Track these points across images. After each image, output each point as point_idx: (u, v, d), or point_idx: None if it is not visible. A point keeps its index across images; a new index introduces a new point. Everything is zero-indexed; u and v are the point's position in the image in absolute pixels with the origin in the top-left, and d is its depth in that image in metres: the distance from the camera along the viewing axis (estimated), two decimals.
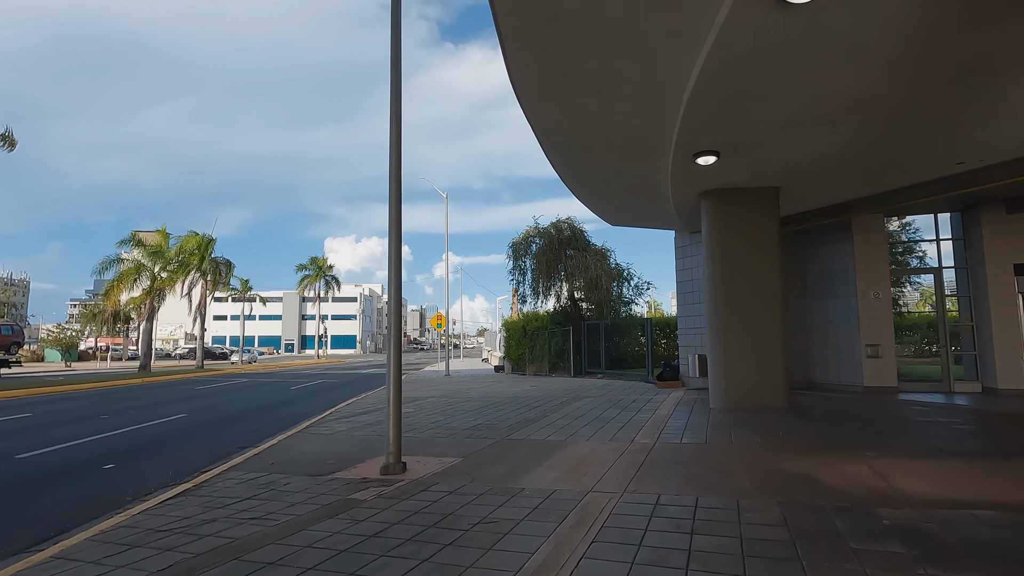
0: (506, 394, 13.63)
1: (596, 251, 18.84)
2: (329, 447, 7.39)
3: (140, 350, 24.31)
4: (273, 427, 9.84)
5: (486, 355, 42.81)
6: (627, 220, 13.57)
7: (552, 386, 15.50)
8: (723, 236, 9.56)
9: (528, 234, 19.88)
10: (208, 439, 9.03)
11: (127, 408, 13.14)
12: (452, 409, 10.85)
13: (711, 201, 9.70)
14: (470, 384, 17.55)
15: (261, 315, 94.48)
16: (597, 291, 17.90)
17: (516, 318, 24.71)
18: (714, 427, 7.66)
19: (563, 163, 9.09)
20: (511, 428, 8.24)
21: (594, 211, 12.45)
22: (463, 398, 12.96)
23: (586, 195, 11.12)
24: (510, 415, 9.69)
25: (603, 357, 18.41)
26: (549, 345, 20.49)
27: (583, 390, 13.87)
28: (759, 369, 9.18)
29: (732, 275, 9.46)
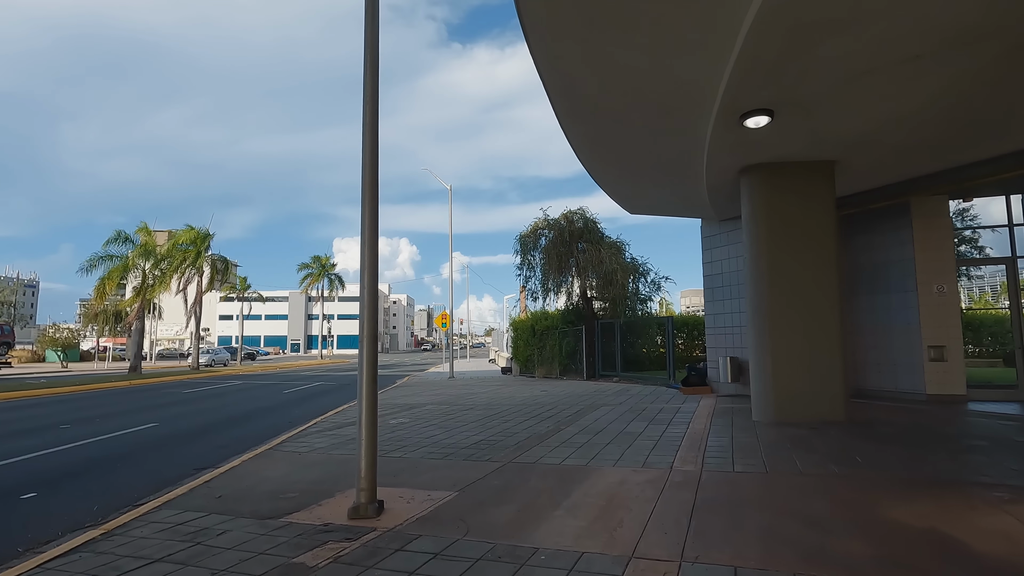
0: (514, 401, 12.27)
1: (610, 244, 17.42)
2: (297, 472, 6.07)
3: (130, 351, 23.23)
4: (245, 441, 8.57)
5: (493, 356, 41.49)
6: (649, 207, 12.16)
7: (564, 391, 14.12)
8: (770, 219, 8.14)
9: (537, 226, 18.46)
10: (165, 457, 7.74)
11: (95, 416, 11.92)
12: (452, 420, 9.51)
13: (754, 179, 8.28)
14: (475, 388, 16.21)
15: (267, 315, 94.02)
16: (612, 287, 16.48)
17: (524, 317, 23.35)
18: (769, 449, 6.25)
19: (582, 134, 7.71)
20: (519, 447, 6.87)
21: (613, 196, 11.06)
22: (466, 405, 11.61)
23: (606, 176, 9.74)
24: (518, 428, 8.33)
25: (619, 359, 17.01)
26: (560, 346, 19.11)
27: (599, 396, 12.48)
28: (814, 375, 7.75)
29: (781, 264, 8.03)
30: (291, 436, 8.47)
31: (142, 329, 23.46)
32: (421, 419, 9.71)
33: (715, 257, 12.19)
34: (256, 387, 19.59)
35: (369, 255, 4.49)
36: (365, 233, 4.49)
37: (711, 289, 12.29)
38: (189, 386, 19.69)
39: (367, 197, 4.44)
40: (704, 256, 12.53)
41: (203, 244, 26.07)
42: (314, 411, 11.82)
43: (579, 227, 17.48)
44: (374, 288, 4.52)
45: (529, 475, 5.46)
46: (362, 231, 4.46)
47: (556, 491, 4.82)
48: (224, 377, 24.12)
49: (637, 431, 7.72)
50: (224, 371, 28.34)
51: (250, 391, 17.98)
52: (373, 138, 4.63)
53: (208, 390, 18.16)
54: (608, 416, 9.23)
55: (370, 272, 4.44)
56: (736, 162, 8.15)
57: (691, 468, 5.46)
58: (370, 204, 4.45)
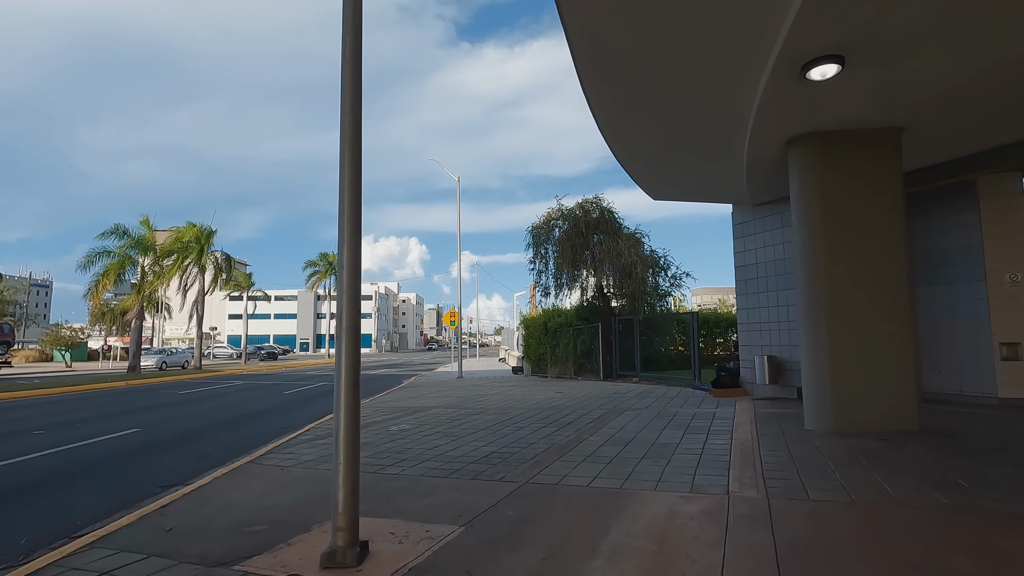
0: (527, 403, 11.25)
1: (628, 236, 16.30)
2: (274, 493, 5.10)
3: (130, 349, 22.55)
4: (229, 449, 7.65)
5: (503, 355, 40.51)
6: (674, 191, 11.07)
7: (581, 392, 13.08)
8: (826, 197, 7.03)
9: (550, 217, 17.34)
10: (135, 470, 6.82)
11: (77, 420, 11.07)
12: (460, 426, 8.51)
13: (807, 150, 7.18)
14: (485, 389, 15.21)
15: (276, 314, 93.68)
16: (631, 281, 15.36)
17: (536, 314, 22.30)
18: (841, 467, 5.17)
19: (610, 102, 6.67)
20: (537, 462, 5.85)
21: (637, 179, 9.99)
22: (475, 409, 10.61)
23: (633, 154, 8.68)
24: (534, 437, 7.31)
25: (638, 358, 15.92)
26: (574, 344, 18.04)
27: (621, 399, 11.42)
28: (880, 376, 6.64)
29: (839, 248, 6.92)
30: (279, 445, 7.53)
31: (140, 327, 22.75)
32: (425, 425, 8.72)
33: (748, 246, 11.07)
34: (257, 387, 18.74)
35: (350, 223, 3.49)
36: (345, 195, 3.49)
37: (743, 281, 11.17)
38: (188, 387, 18.89)
39: (347, 152, 3.44)
40: (735, 245, 11.41)
41: (206, 241, 25.31)
42: (311, 415, 10.89)
43: (595, 217, 16.37)
44: (356, 267, 3.51)
45: (552, 502, 4.43)
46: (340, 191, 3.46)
47: (589, 527, 3.79)
48: (226, 377, 23.34)
49: (673, 442, 6.66)
50: (228, 370, 27.59)
51: (249, 392, 17.13)
52: (355, 93, 3.63)
53: (206, 391, 17.33)
54: (635, 423, 8.18)
55: (350, 247, 3.43)
56: (785, 130, 7.05)
57: (753, 494, 4.41)
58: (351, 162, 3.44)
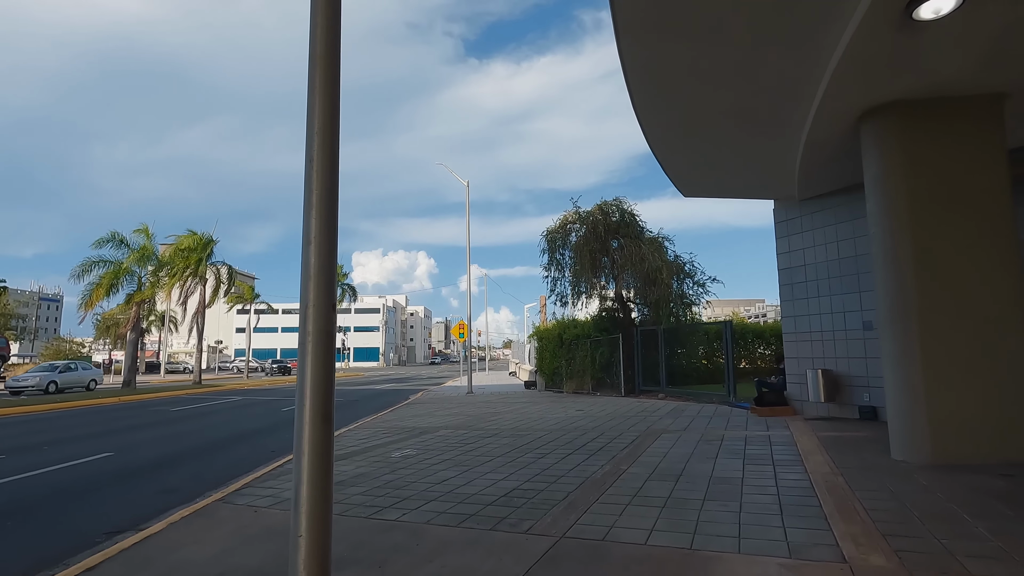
0: (546, 424, 10.04)
1: (651, 240, 15.13)
2: (233, 552, 3.95)
3: (125, 363, 21.58)
4: (202, 481, 6.53)
5: (513, 368, 39.24)
6: (711, 184, 9.92)
7: (604, 410, 11.84)
8: (914, 178, 5.85)
9: (566, 220, 16.17)
10: (83, 509, 5.69)
11: (47, 442, 10.00)
12: (471, 452, 7.32)
13: (889, 123, 6.01)
14: (497, 406, 14.00)
15: (283, 327, 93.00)
16: (656, 287, 14.14)
17: (550, 325, 21.10)
18: (978, 516, 3.94)
19: (645, 67, 5.57)
20: (571, 505, 4.66)
21: (669, 170, 8.87)
22: (488, 430, 9.42)
23: (670, 134, 7.57)
24: (562, 467, 6.11)
25: (663, 372, 14.67)
26: (592, 357, 16.81)
27: (651, 418, 10.18)
28: (993, 394, 5.40)
29: (932, 241, 5.73)
30: (260, 476, 6.39)
31: (136, 340, 21.76)
32: (432, 451, 7.54)
33: (793, 246, 9.87)
34: (254, 404, 17.63)
35: (321, 164, 2.35)
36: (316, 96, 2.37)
37: (788, 286, 9.96)
38: (182, 403, 17.82)
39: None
40: (779, 245, 10.22)
41: (205, 251, 24.43)
42: None
43: (615, 221, 15.21)
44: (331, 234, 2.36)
45: (604, 571, 3.24)
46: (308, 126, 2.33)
47: None
48: (224, 393, 22.26)
49: (734, 475, 5.44)
50: (228, 385, 26.54)
51: (245, 409, 16.02)
52: None
53: (199, 408, 16.24)
54: (679, 449, 6.95)
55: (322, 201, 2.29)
56: (862, 100, 5.91)
57: (882, 561, 3.19)
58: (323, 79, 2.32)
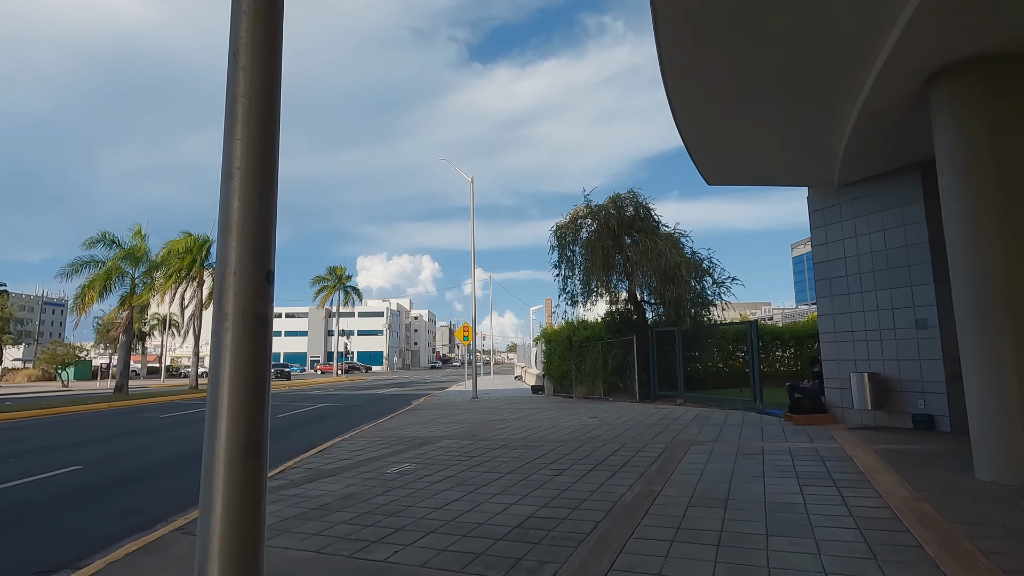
0: (559, 432, 9.16)
1: (667, 236, 14.23)
2: None
3: (117, 368, 20.83)
4: (168, 503, 5.71)
5: (519, 372, 38.33)
6: (739, 169, 9.03)
7: (620, 417, 10.94)
8: (1003, 144, 4.95)
9: (576, 215, 15.26)
10: (20, 538, 4.85)
11: (17, 453, 9.20)
12: (478, 467, 6.44)
13: (967, 82, 5.12)
14: (504, 412, 13.12)
15: (286, 331, 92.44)
16: (674, 286, 13.22)
17: (558, 327, 20.22)
18: None
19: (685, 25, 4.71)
20: (603, 539, 3.78)
21: (695, 151, 8.00)
22: (495, 440, 8.54)
23: (701, 109, 6.71)
24: (584, 487, 5.23)
25: (681, 376, 13.76)
26: (604, 360, 15.90)
27: (673, 426, 9.27)
28: None
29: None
30: None
31: (129, 344, 20.99)
32: (433, 465, 6.67)
33: (832, 236, 8.97)
34: None
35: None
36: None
37: (825, 281, 9.05)
38: (173, 409, 17.02)
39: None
40: (814, 236, 9.32)
41: (201, 252, 23.68)
42: (297, 446, 8.90)
43: (629, 215, 14.32)
44: (265, 167, 1.51)
45: None
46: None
47: None
48: None
49: (791, 499, 4.55)
50: None
51: None
52: None
53: (190, 415, 15.43)
54: (716, 464, 6.05)
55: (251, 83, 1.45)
56: (936, 57, 5.03)
57: None
58: None
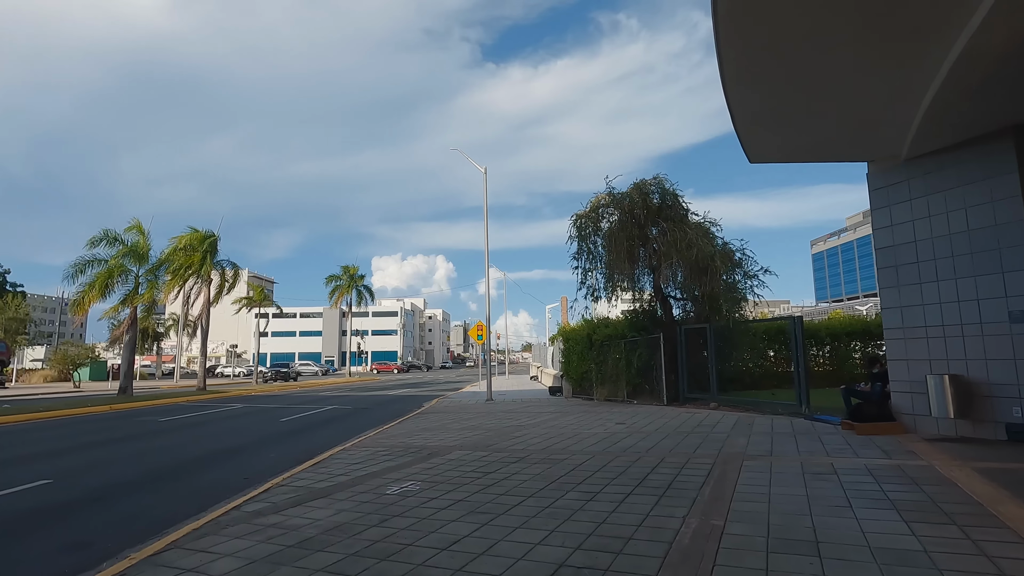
0: (584, 442, 8.13)
1: (696, 225, 13.08)
2: None
3: (121, 368, 20.23)
4: (131, 526, 4.87)
5: (535, 372, 37.25)
6: (790, 142, 7.90)
7: (651, 423, 9.87)
8: None
9: (597, 203, 14.08)
10: None
11: None
12: (493, 489, 5.44)
13: None
14: (521, 417, 12.11)
15: (301, 331, 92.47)
16: (707, 279, 12.06)
17: (577, 326, 19.15)
18: None
19: None
20: None
21: (742, 119, 6.92)
22: (513, 452, 7.53)
23: (758, 66, 5.64)
24: (625, 519, 4.20)
25: (714, 377, 12.61)
26: (628, 360, 14.79)
27: (715, 435, 8.18)
28: None
29: None
30: (203, 524, 4.63)
31: (133, 344, 20.36)
32: (441, 484, 5.68)
33: (898, 218, 7.81)
34: (253, 413, 16.02)
35: None
36: None
37: (891, 269, 7.88)
38: (176, 412, 16.29)
39: None
40: (875, 218, 8.16)
41: (208, 247, 23.00)
42: (291, 457, 8.00)
43: (655, 204, 13.17)
44: None
45: None
46: None
47: None
48: (226, 400, 20.75)
49: (904, 543, 3.48)
50: (234, 391, 25.14)
51: (241, 419, 14.39)
52: None
53: (191, 418, 14.67)
54: (783, 488, 4.97)
55: None
56: None
57: None
58: None
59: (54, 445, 10.15)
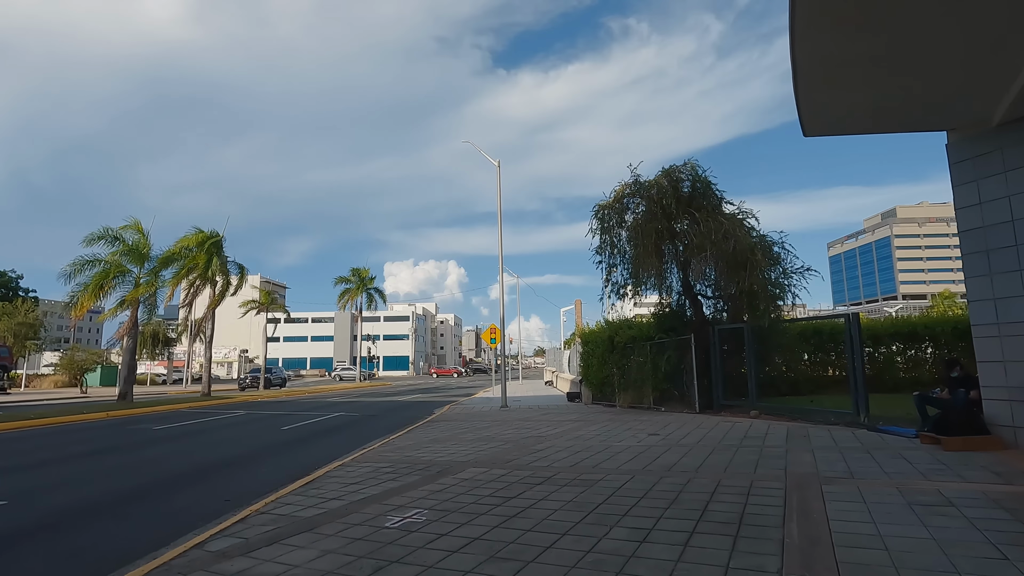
0: (617, 456, 7.03)
1: (731, 216, 11.91)
2: None
3: (120, 373, 19.48)
4: (73, 567, 3.81)
5: (549, 377, 36.09)
6: (855, 107, 6.77)
7: (688, 434, 8.74)
8: None
9: (622, 192, 12.88)
10: None
11: None
12: (517, 518, 4.37)
13: None
14: (541, 426, 11.02)
15: (313, 336, 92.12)
16: (747, 273, 10.85)
17: (597, 327, 18.04)
18: None
19: None
20: None
21: (807, 79, 5.83)
22: (537, 470, 6.45)
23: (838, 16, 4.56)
24: (696, 570, 3.11)
25: (753, 382, 11.44)
26: (655, 363, 13.65)
27: (770, 450, 7.04)
28: None
29: None
30: (159, 566, 3.63)
31: (133, 347, 19.66)
32: (452, 514, 4.62)
33: (989, 194, 6.64)
34: (255, 420, 15.11)
35: None
36: None
37: (982, 254, 6.71)
38: (174, 419, 15.42)
39: None
40: (958, 196, 7.00)
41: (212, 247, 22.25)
42: (282, 473, 7.01)
43: (686, 193, 12.04)
44: None
45: None
46: None
47: None
48: (229, 407, 19.90)
49: None
50: (240, 397, 24.33)
51: (238, 427, 13.48)
52: None
53: (189, 426, 13.78)
54: (893, 526, 3.84)
55: None
56: None
57: None
58: None
59: (28, 458, 9.26)
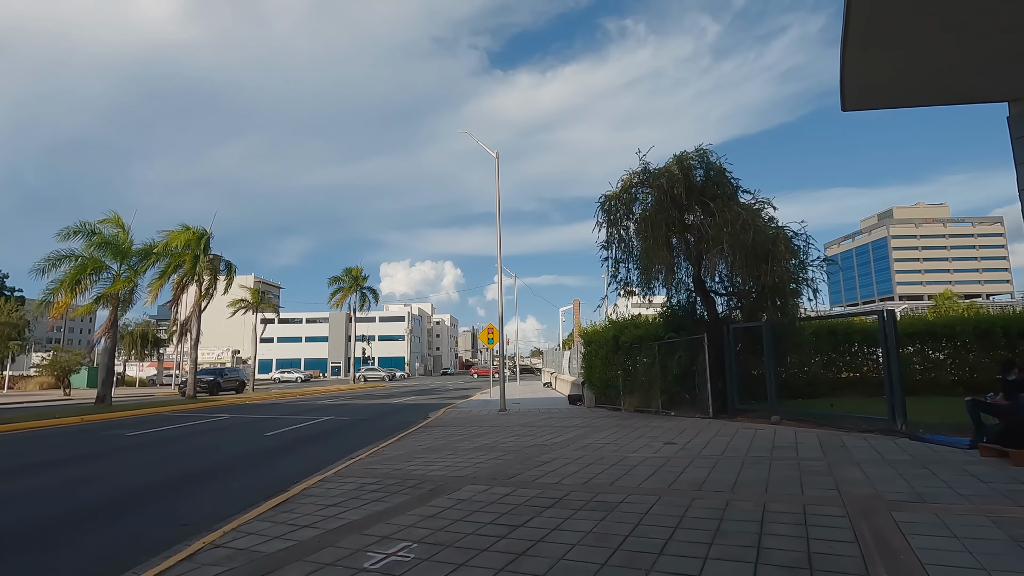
0: (636, 471, 6.17)
1: (748, 206, 11.06)
2: None
3: (99, 376, 18.53)
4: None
5: (548, 378, 35.24)
6: (906, 73, 5.94)
7: (706, 443, 7.89)
8: None
9: (630, 181, 11.95)
10: None
11: None
12: (525, 558, 3.50)
13: None
14: (544, 432, 10.15)
15: (307, 336, 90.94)
16: (768, 267, 9.98)
17: (600, 327, 17.20)
18: None
19: None
20: None
21: (858, 36, 5.00)
22: (545, 488, 5.58)
23: None
24: None
25: (772, 385, 10.60)
26: (664, 364, 12.81)
27: (809, 465, 6.20)
28: None
29: None
30: None
31: (112, 348, 18.66)
32: (446, 549, 3.75)
33: None
34: (237, 426, 14.18)
35: None
36: None
37: None
38: (150, 425, 14.48)
39: None
40: (1022, 175, 6.17)
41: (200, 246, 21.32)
42: (263, 486, 6.13)
43: (699, 181, 11.19)
44: None
45: None
46: None
47: None
48: (212, 410, 18.94)
49: None
50: (226, 400, 23.36)
51: (218, 434, 12.56)
52: None
53: (165, 432, 12.85)
54: (1010, 575, 2.99)
55: None
56: None
57: None
58: None
59: None
